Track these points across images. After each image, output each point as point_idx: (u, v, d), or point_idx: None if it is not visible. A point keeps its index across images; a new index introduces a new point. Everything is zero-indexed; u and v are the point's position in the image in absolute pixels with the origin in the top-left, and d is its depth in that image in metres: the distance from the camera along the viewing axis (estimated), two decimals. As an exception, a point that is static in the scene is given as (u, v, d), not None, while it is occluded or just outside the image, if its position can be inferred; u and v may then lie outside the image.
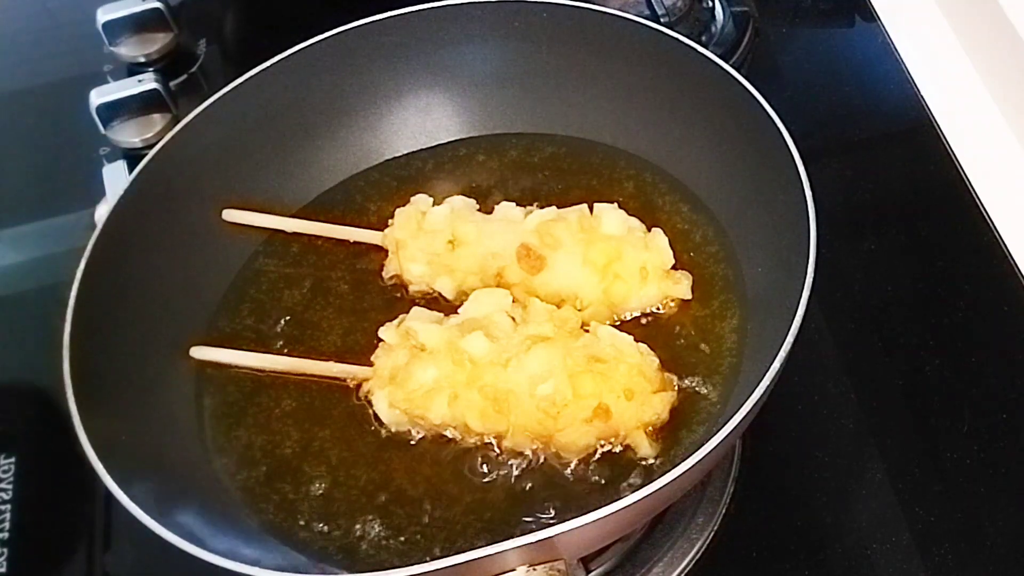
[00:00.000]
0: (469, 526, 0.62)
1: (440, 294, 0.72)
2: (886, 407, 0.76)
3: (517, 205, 0.73)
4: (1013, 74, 0.89)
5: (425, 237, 0.71)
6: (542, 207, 0.73)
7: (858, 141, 0.94)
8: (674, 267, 0.71)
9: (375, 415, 0.66)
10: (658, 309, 0.70)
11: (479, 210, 0.74)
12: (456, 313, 0.68)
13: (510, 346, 0.64)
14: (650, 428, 0.64)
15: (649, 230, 0.72)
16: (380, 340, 0.68)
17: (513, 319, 0.66)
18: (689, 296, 0.70)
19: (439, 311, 0.70)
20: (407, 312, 0.69)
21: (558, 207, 0.73)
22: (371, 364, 0.67)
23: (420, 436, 0.66)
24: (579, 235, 0.70)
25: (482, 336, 0.65)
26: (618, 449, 0.64)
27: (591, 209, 0.72)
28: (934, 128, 0.90)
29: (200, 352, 0.69)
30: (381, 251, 0.74)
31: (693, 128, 0.74)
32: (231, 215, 0.74)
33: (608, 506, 0.52)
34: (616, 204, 0.73)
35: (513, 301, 0.68)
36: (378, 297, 0.73)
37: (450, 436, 0.65)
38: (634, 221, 0.72)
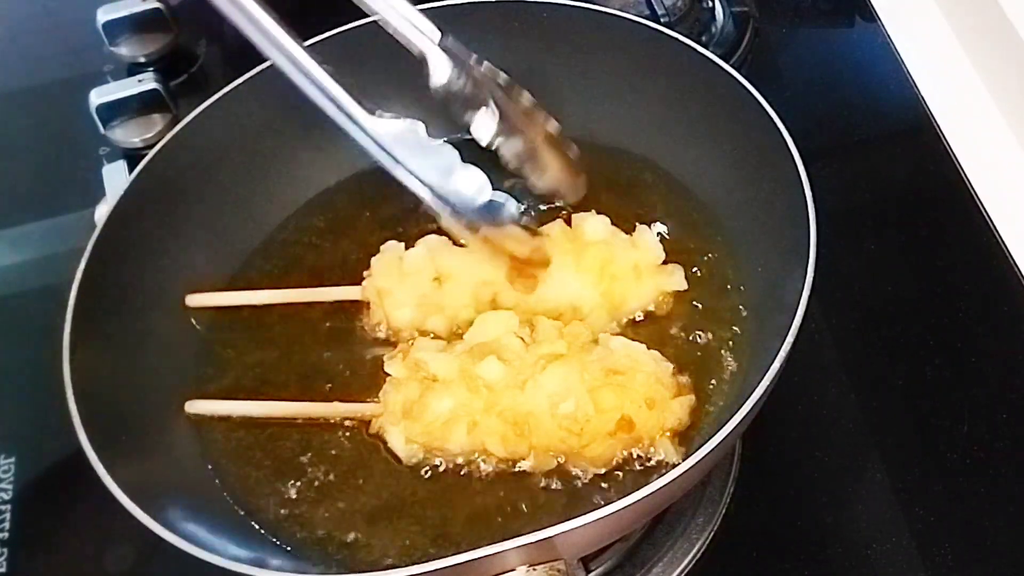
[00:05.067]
0: (469, 525, 0.62)
1: (433, 334, 0.70)
2: (886, 407, 0.76)
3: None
4: (1013, 74, 0.89)
5: (409, 280, 0.69)
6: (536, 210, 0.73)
7: (858, 141, 0.94)
8: (665, 263, 0.71)
9: (388, 449, 0.65)
10: (655, 308, 0.70)
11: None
12: (459, 339, 0.67)
13: (524, 367, 0.64)
14: (674, 433, 0.63)
15: (634, 229, 0.72)
16: (386, 375, 0.66)
17: (523, 339, 0.66)
18: (684, 287, 0.70)
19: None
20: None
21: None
22: (374, 398, 0.66)
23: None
24: (566, 246, 0.69)
25: (495, 360, 0.64)
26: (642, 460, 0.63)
27: (569, 222, 0.71)
28: (934, 128, 0.90)
29: (196, 407, 0.67)
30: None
31: (693, 128, 0.74)
32: (194, 300, 0.71)
33: (608, 506, 0.52)
34: (593, 211, 0.72)
35: (519, 322, 0.67)
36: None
37: (468, 462, 0.64)
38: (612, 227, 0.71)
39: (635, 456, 0.63)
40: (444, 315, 0.69)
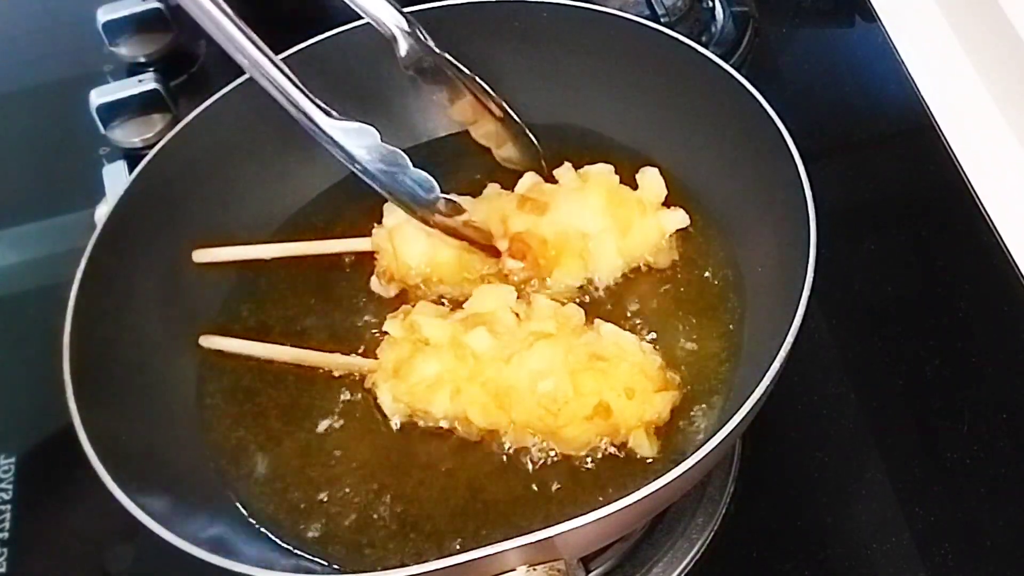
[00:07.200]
0: (469, 525, 0.62)
1: (440, 290, 0.71)
2: (886, 407, 0.76)
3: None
4: (1013, 74, 0.89)
5: None
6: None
7: (858, 141, 0.94)
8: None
9: (379, 407, 0.66)
10: (655, 259, 0.71)
11: None
12: (461, 309, 0.68)
13: (513, 342, 0.64)
14: (651, 427, 0.64)
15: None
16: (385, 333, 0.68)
17: (517, 315, 0.66)
18: (687, 223, 0.71)
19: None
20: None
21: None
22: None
23: (424, 428, 0.66)
24: (573, 182, 0.72)
25: (485, 332, 0.65)
26: (618, 448, 0.64)
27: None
28: (934, 128, 0.90)
29: (208, 341, 0.69)
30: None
31: (693, 128, 0.74)
32: (201, 255, 0.72)
33: (608, 506, 0.52)
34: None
35: (518, 297, 0.68)
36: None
37: (453, 430, 0.65)
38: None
39: (638, 455, 0.63)
40: (453, 251, 0.70)
